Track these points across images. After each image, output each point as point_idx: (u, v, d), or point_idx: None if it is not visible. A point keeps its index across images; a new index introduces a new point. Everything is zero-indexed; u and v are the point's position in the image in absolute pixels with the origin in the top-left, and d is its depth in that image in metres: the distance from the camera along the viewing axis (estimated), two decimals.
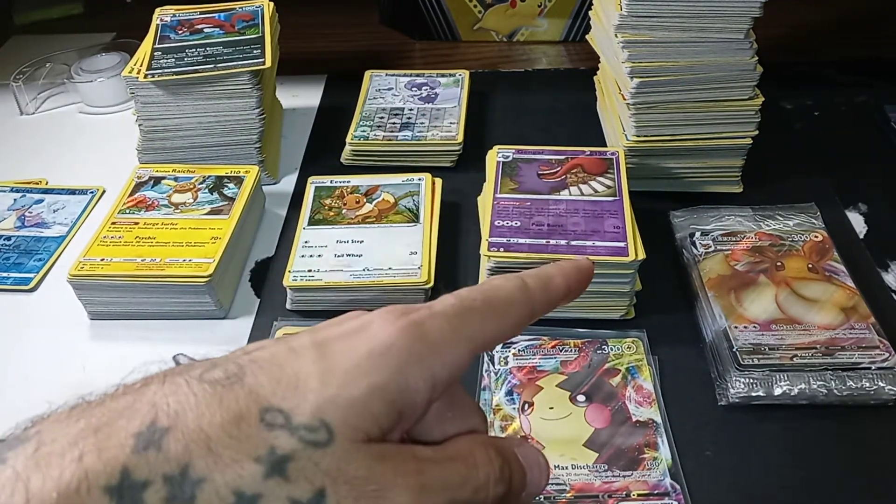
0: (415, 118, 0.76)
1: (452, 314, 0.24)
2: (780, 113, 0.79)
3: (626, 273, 0.55)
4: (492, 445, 0.25)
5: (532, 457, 0.26)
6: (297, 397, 0.21)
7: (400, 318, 0.24)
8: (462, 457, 0.24)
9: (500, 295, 0.26)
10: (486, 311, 0.25)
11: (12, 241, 0.67)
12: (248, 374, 0.22)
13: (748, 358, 0.52)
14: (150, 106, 0.69)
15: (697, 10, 0.60)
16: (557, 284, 0.27)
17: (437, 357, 0.24)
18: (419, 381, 0.23)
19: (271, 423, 0.21)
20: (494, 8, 0.93)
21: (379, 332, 0.23)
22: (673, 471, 0.47)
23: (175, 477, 0.20)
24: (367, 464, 0.21)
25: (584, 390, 0.52)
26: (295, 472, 0.20)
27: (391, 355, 0.23)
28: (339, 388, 0.22)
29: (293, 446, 0.21)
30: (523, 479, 0.25)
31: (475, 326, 0.25)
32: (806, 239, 0.61)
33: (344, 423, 0.21)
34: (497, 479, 0.24)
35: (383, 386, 0.22)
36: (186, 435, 0.20)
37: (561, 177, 0.61)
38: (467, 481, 0.24)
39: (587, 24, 0.78)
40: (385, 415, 0.22)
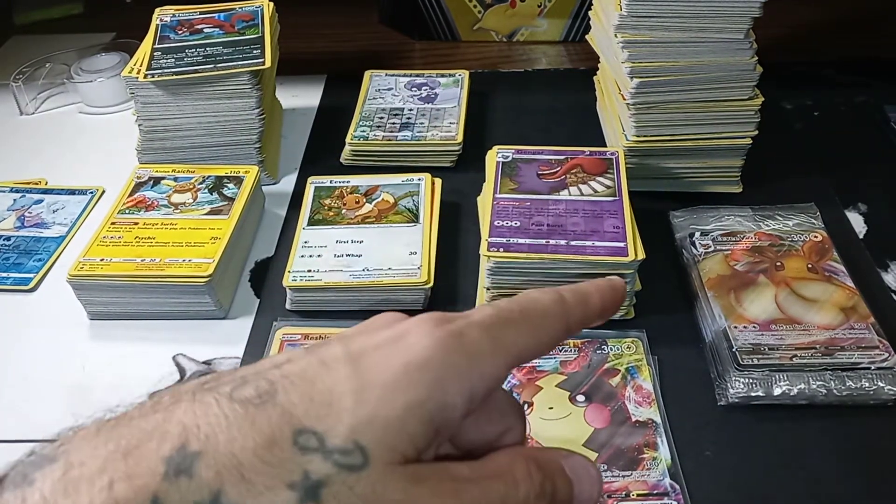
0: (414, 118, 0.76)
1: (491, 324, 0.24)
2: (780, 113, 0.79)
3: (626, 273, 0.55)
4: (533, 460, 0.24)
5: (581, 468, 0.25)
6: (332, 417, 0.21)
7: (438, 327, 0.23)
8: (501, 474, 0.23)
9: (537, 307, 0.25)
10: (524, 323, 0.24)
11: (12, 242, 0.67)
12: (280, 392, 0.21)
13: (748, 358, 0.52)
14: (149, 106, 0.69)
15: (697, 10, 0.60)
16: (594, 302, 0.27)
17: (477, 370, 0.23)
18: (457, 396, 0.22)
19: (305, 447, 0.20)
20: (494, 8, 0.93)
21: (416, 343, 0.22)
22: (672, 471, 0.47)
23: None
24: (403, 487, 0.21)
25: (583, 390, 0.52)
26: (329, 498, 0.20)
27: (429, 369, 0.22)
28: (375, 407, 0.21)
29: (327, 471, 0.20)
30: (569, 492, 0.25)
31: (513, 338, 0.24)
32: (805, 239, 0.61)
33: (379, 444, 0.21)
34: (537, 495, 0.23)
35: (421, 403, 0.21)
36: (218, 460, 0.20)
37: (561, 177, 0.61)
38: (507, 499, 0.23)
39: (587, 24, 0.78)
40: (422, 434, 0.22)
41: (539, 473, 0.24)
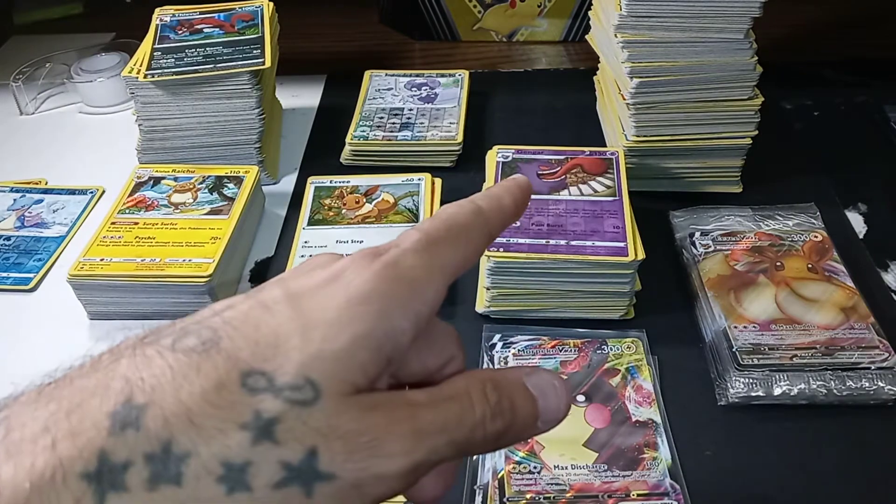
0: (414, 118, 0.76)
1: (421, 248, 0.24)
2: (780, 113, 0.79)
3: (626, 273, 0.55)
4: (490, 380, 0.24)
5: (545, 383, 0.25)
6: (279, 357, 0.20)
7: (373, 261, 0.23)
8: (457, 396, 0.23)
9: (459, 221, 0.25)
10: (451, 240, 0.25)
11: (12, 241, 0.67)
12: (224, 339, 0.21)
13: (748, 358, 0.52)
14: (149, 106, 0.69)
15: (697, 10, 0.60)
16: (507, 203, 0.27)
17: (417, 294, 0.23)
18: (403, 322, 0.22)
19: (254, 388, 0.20)
20: (494, 8, 0.93)
21: (354, 278, 0.22)
22: (673, 471, 0.47)
23: (157, 455, 0.19)
24: (357, 416, 0.21)
25: (583, 390, 0.52)
26: (284, 434, 0.20)
27: (371, 301, 0.22)
28: (322, 342, 0.21)
29: (279, 408, 0.20)
30: (532, 409, 0.24)
31: (444, 257, 0.24)
32: (806, 239, 0.61)
33: (330, 377, 0.21)
34: (493, 414, 0.23)
35: (367, 334, 0.21)
36: (165, 409, 0.19)
37: (561, 177, 0.61)
38: (463, 420, 0.23)
39: (587, 24, 0.78)
40: (372, 363, 0.22)
41: (495, 393, 0.24)
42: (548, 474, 0.47)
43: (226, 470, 0.19)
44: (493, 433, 0.23)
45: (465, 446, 0.23)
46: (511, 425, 0.24)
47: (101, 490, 0.19)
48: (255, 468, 0.19)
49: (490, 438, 0.23)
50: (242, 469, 0.19)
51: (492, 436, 0.23)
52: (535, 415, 0.25)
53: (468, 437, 0.23)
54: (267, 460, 0.19)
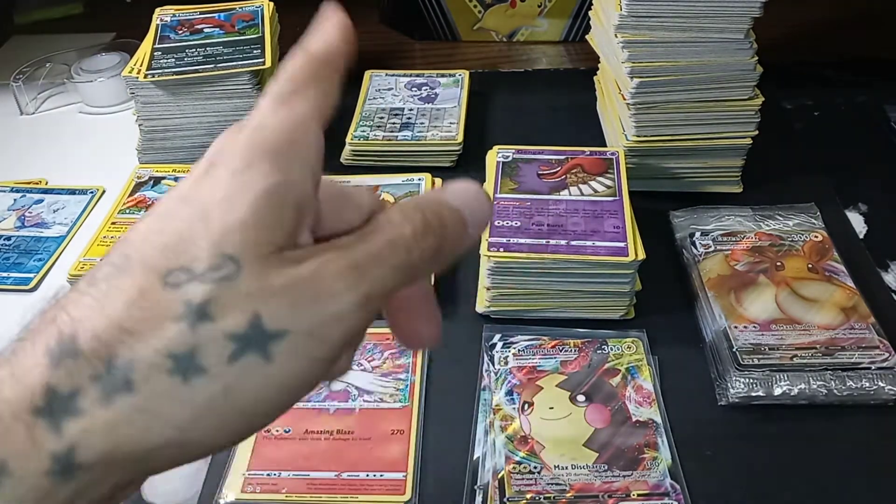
0: (415, 118, 0.76)
1: (276, 105, 0.24)
2: (780, 113, 0.79)
3: (626, 273, 0.55)
4: (409, 204, 0.24)
5: (461, 191, 0.25)
6: (190, 249, 0.21)
7: (239, 133, 0.23)
8: (382, 226, 0.23)
9: (300, 71, 0.25)
10: (300, 88, 0.24)
11: (12, 241, 0.67)
12: (134, 254, 0.21)
13: (748, 358, 0.52)
14: (150, 106, 0.69)
15: (697, 10, 0.60)
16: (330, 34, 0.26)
17: (296, 144, 0.23)
18: (295, 171, 0.22)
19: (176, 283, 0.20)
20: (494, 8, 0.93)
21: (229, 153, 0.22)
22: (673, 471, 0.47)
23: (102, 374, 0.19)
24: (287, 269, 0.21)
25: (584, 390, 0.52)
26: (220, 311, 0.20)
27: (254, 163, 0.22)
28: (224, 218, 0.21)
29: (207, 290, 0.20)
30: (458, 220, 0.25)
31: (304, 104, 0.24)
32: (806, 239, 0.61)
33: (245, 245, 0.21)
34: (421, 231, 0.23)
35: (264, 193, 0.21)
36: (97, 330, 0.20)
37: (561, 177, 0.61)
38: (395, 244, 0.23)
39: (587, 24, 0.78)
40: (283, 217, 0.21)
41: (417, 212, 0.24)
42: (548, 474, 0.47)
43: (173, 361, 0.20)
44: (429, 249, 0.23)
45: (408, 269, 0.23)
46: (444, 238, 0.24)
47: (54, 419, 0.19)
48: (203, 349, 0.20)
49: (427, 255, 0.23)
50: (190, 355, 0.20)
51: (428, 252, 0.23)
52: (463, 222, 0.25)
53: (406, 259, 0.23)
54: (213, 339, 0.20)
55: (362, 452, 0.49)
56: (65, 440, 0.19)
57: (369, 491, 0.47)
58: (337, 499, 0.47)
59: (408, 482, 0.48)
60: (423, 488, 0.48)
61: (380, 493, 0.47)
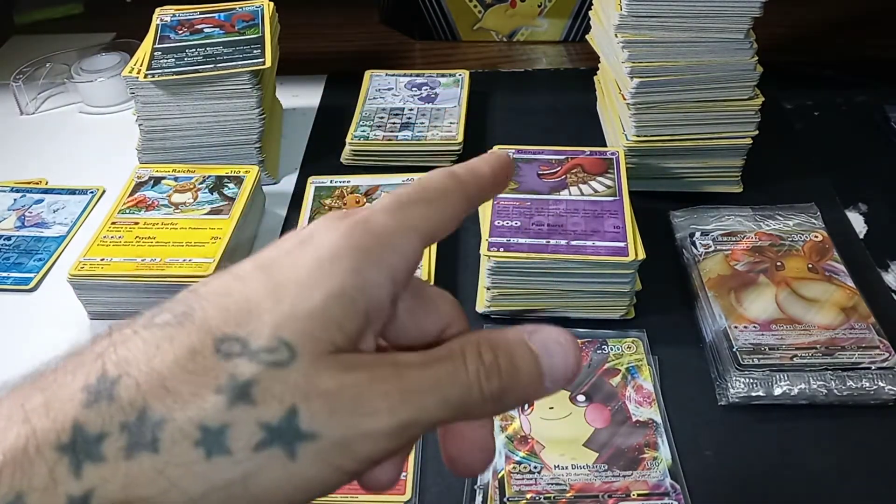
0: (415, 118, 0.76)
1: (392, 207, 0.24)
2: (780, 113, 0.79)
3: (626, 273, 0.55)
4: (486, 339, 0.24)
5: (550, 340, 0.24)
6: (252, 322, 0.20)
7: (342, 220, 0.23)
8: (449, 356, 0.23)
9: (433, 185, 0.25)
10: (424, 201, 0.24)
11: (12, 241, 0.67)
12: (197, 310, 0.21)
13: (748, 358, 0.52)
14: (150, 106, 0.69)
15: (697, 10, 0.60)
16: (485, 171, 0.27)
17: (389, 248, 0.23)
18: (376, 275, 0.22)
19: (228, 353, 0.20)
20: (494, 8, 0.93)
21: (323, 239, 0.22)
22: (673, 471, 0.47)
23: (132, 423, 0.19)
24: (337, 374, 0.20)
25: (583, 390, 0.52)
26: (261, 395, 0.20)
27: (342, 258, 0.22)
28: (294, 302, 0.21)
29: (255, 370, 0.20)
30: (534, 367, 0.23)
31: (418, 214, 0.24)
32: (806, 239, 0.61)
33: (304, 336, 0.20)
34: (487, 373, 0.23)
35: (340, 290, 0.21)
36: (139, 379, 0.19)
37: (561, 177, 0.61)
38: (455, 379, 0.22)
39: (587, 24, 0.78)
40: (349, 319, 0.21)
41: (490, 351, 0.23)
42: (548, 474, 0.47)
43: (203, 434, 0.19)
44: (491, 392, 0.23)
45: (461, 407, 0.22)
46: (511, 384, 0.23)
47: (76, 460, 0.19)
48: (233, 430, 0.19)
49: (489, 398, 0.23)
50: (220, 432, 0.19)
51: (490, 395, 0.23)
52: (539, 373, 0.24)
53: (462, 397, 0.22)
54: (245, 422, 0.19)
55: None
56: (83, 485, 0.19)
57: None
58: (337, 499, 0.47)
59: (408, 482, 0.48)
60: (423, 488, 0.48)
61: (380, 493, 0.47)
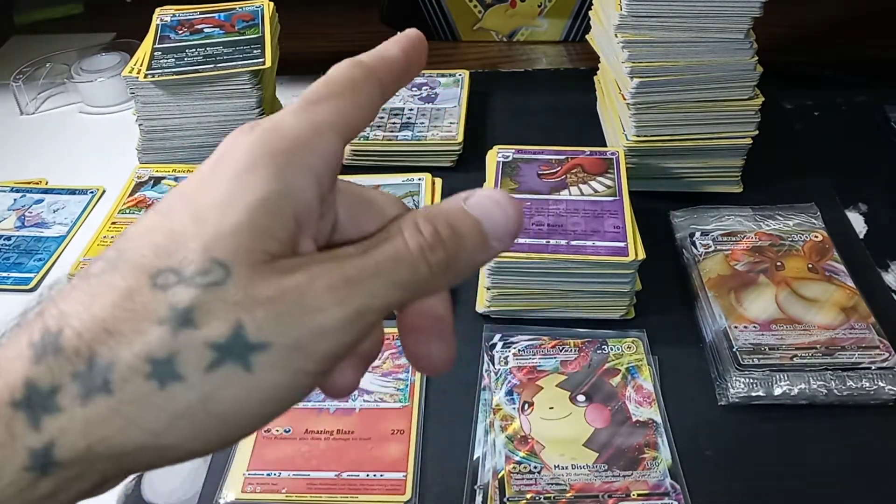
0: (415, 118, 0.76)
1: (301, 107, 0.23)
2: (780, 113, 0.79)
3: (626, 273, 0.55)
4: (422, 214, 0.23)
5: (486, 200, 0.23)
6: (181, 250, 0.20)
7: (251, 131, 0.22)
8: (388, 238, 0.22)
9: (339, 77, 0.24)
10: (333, 94, 0.23)
11: (12, 241, 0.67)
12: (128, 251, 0.21)
13: (748, 358, 0.52)
14: (150, 106, 0.69)
15: (697, 10, 0.60)
16: (393, 53, 0.25)
17: (306, 149, 0.22)
18: (298, 178, 0.21)
19: (164, 285, 0.20)
20: (494, 8, 0.93)
21: (236, 153, 0.22)
22: (673, 471, 0.47)
23: (82, 371, 0.19)
24: (277, 279, 0.20)
25: (584, 390, 0.52)
26: (203, 317, 0.20)
27: (258, 166, 0.21)
28: (218, 221, 0.20)
29: (192, 294, 0.20)
30: (476, 229, 0.23)
31: (328, 110, 0.23)
32: (806, 239, 0.61)
33: (236, 252, 0.20)
34: (430, 245, 0.22)
35: (263, 198, 0.21)
36: (81, 328, 0.20)
37: (561, 177, 0.61)
38: (398, 258, 0.22)
39: (587, 24, 0.78)
40: (277, 226, 0.21)
41: (429, 224, 0.23)
42: (548, 474, 0.47)
43: (152, 366, 0.19)
44: (438, 263, 0.22)
45: (410, 285, 0.22)
46: (457, 251, 0.23)
47: (33, 415, 0.19)
48: (182, 356, 0.19)
49: (437, 270, 0.22)
50: (169, 361, 0.19)
51: (438, 267, 0.22)
52: (482, 234, 0.23)
53: (409, 275, 0.22)
54: (192, 346, 0.19)
55: (362, 452, 0.49)
56: (43, 437, 0.19)
57: (369, 491, 0.47)
58: (337, 499, 0.47)
59: (408, 482, 0.48)
60: (423, 488, 0.48)
61: (380, 493, 0.47)
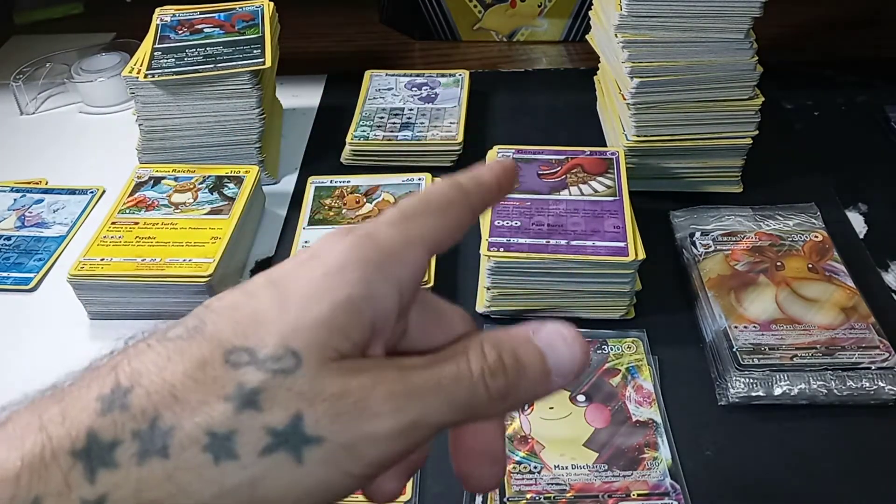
0: (415, 118, 0.76)
1: (397, 220, 0.24)
2: (780, 113, 0.79)
3: (626, 273, 0.55)
4: (490, 339, 0.24)
5: (553, 334, 0.24)
6: (260, 333, 0.21)
7: (347, 235, 0.23)
8: (453, 357, 0.23)
9: (437, 196, 0.26)
10: (429, 212, 0.25)
11: (12, 241, 0.67)
12: (209, 324, 0.22)
13: (748, 358, 0.52)
14: (150, 106, 0.69)
15: (697, 10, 0.60)
16: (488, 179, 0.27)
17: (395, 259, 0.23)
18: (382, 286, 0.23)
19: (237, 363, 0.21)
20: (494, 8, 0.93)
21: (329, 253, 0.23)
22: (673, 471, 0.47)
23: (143, 431, 0.20)
24: (341, 379, 0.21)
25: (584, 390, 0.52)
26: (267, 402, 0.20)
27: (348, 269, 0.22)
28: (300, 312, 0.21)
29: (261, 378, 0.20)
30: (539, 363, 0.24)
31: (422, 226, 0.24)
32: (806, 239, 0.61)
33: (311, 345, 0.21)
34: (492, 371, 0.23)
35: (346, 299, 0.22)
36: (150, 389, 0.20)
37: (561, 177, 0.61)
38: (459, 378, 0.22)
39: (587, 24, 0.78)
40: (354, 328, 0.22)
41: (494, 350, 0.23)
42: (548, 474, 0.47)
43: (211, 439, 0.20)
44: (497, 390, 0.23)
45: (466, 407, 0.23)
46: (517, 381, 0.23)
47: (90, 466, 0.19)
48: (240, 436, 0.20)
49: (495, 396, 0.23)
50: (227, 437, 0.20)
51: (496, 393, 0.23)
52: (545, 369, 0.24)
53: (468, 396, 0.23)
54: (252, 428, 0.20)
55: None
56: (97, 490, 0.19)
57: None
58: None
59: (408, 482, 0.48)
60: (423, 488, 0.48)
61: None
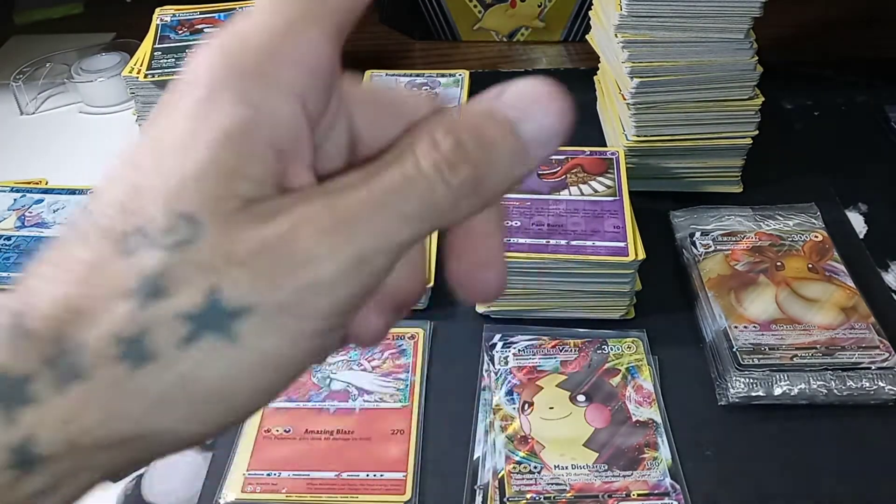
0: None
1: (271, 3, 0.18)
2: (780, 113, 0.79)
3: (626, 273, 0.55)
4: (440, 124, 0.18)
5: (521, 95, 0.19)
6: (146, 206, 0.17)
7: (214, 41, 0.18)
8: (396, 160, 0.18)
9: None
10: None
11: (12, 241, 0.67)
12: (94, 212, 0.18)
13: (748, 358, 0.52)
14: (150, 106, 0.70)
15: (697, 10, 0.60)
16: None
17: (279, 56, 0.17)
18: (270, 97, 0.17)
19: (130, 250, 0.17)
20: (494, 8, 0.93)
21: (195, 74, 0.18)
22: (673, 471, 0.47)
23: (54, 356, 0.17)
24: (254, 231, 0.17)
25: (584, 390, 0.52)
26: (173, 284, 0.17)
27: (217, 91, 0.17)
28: (179, 167, 0.17)
29: (159, 258, 0.17)
30: (509, 137, 0.19)
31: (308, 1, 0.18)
32: (806, 239, 0.61)
33: (202, 201, 0.17)
34: (449, 162, 0.18)
35: (226, 131, 0.17)
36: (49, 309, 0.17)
37: (561, 177, 0.61)
38: (407, 186, 0.17)
39: (587, 24, 0.78)
40: (249, 162, 0.17)
41: (448, 135, 0.18)
42: (548, 474, 0.47)
43: (122, 347, 0.17)
44: (462, 184, 0.18)
45: (428, 215, 0.18)
46: (487, 167, 0.18)
47: (6, 407, 0.17)
48: (152, 333, 0.17)
49: (462, 192, 0.18)
50: (139, 338, 0.17)
51: (463, 187, 0.18)
52: (518, 142, 0.19)
53: (425, 202, 0.18)
54: (163, 319, 0.17)
55: (362, 452, 0.49)
56: (20, 430, 0.17)
57: (369, 491, 0.47)
58: (337, 499, 0.47)
59: (408, 482, 0.48)
60: (423, 488, 0.48)
61: (380, 493, 0.47)
